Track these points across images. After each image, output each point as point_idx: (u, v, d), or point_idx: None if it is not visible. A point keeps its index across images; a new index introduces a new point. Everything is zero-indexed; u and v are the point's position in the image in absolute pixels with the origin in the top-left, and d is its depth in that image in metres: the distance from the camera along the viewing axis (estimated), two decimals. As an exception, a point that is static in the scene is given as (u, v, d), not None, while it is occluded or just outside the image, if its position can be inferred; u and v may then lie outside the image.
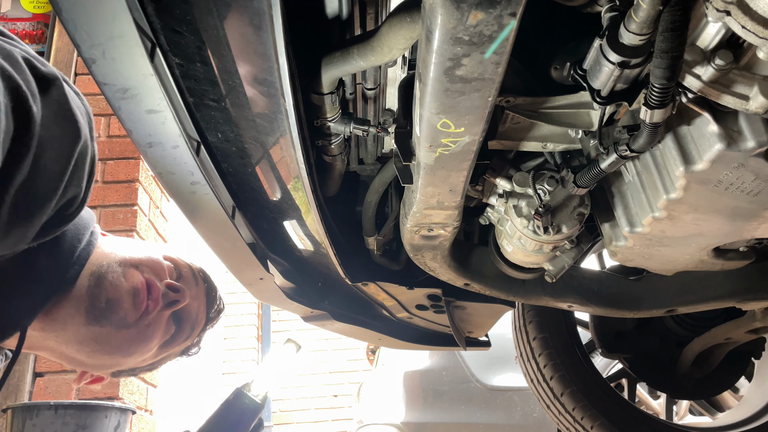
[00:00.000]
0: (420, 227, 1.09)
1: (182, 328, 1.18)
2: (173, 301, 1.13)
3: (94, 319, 1.03)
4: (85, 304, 1.02)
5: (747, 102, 0.72)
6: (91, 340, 1.04)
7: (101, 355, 1.07)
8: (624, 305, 1.40)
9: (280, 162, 0.99)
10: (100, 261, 1.07)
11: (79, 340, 1.04)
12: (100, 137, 3.16)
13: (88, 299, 1.02)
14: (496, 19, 0.57)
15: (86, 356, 1.07)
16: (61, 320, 1.02)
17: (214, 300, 1.27)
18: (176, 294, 1.13)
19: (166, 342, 1.16)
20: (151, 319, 1.10)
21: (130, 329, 1.07)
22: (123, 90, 0.75)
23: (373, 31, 0.82)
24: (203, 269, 1.28)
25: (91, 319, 1.02)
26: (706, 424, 2.66)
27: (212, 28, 0.74)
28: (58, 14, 0.65)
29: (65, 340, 1.04)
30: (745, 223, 0.97)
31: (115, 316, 1.04)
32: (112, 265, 1.07)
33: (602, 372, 2.26)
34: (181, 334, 1.18)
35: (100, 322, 1.03)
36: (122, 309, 1.05)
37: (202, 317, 1.23)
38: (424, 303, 1.56)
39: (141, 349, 1.11)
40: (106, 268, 1.06)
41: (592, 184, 0.96)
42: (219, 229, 1.10)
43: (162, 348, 1.16)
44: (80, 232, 1.05)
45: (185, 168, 0.90)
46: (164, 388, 3.35)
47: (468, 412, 3.13)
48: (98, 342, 1.05)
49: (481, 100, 0.70)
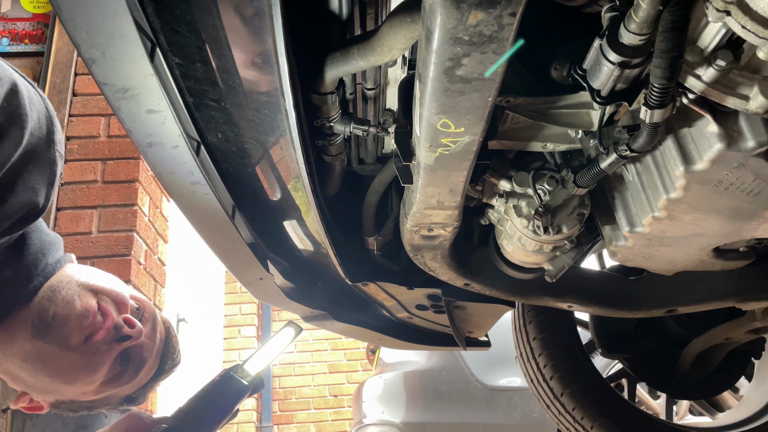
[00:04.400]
0: (420, 227, 1.09)
1: (128, 367, 1.14)
2: (125, 336, 1.09)
3: (38, 333, 1.01)
4: (33, 316, 1.01)
5: (747, 102, 0.72)
6: (34, 357, 1.02)
7: (42, 375, 1.04)
8: (624, 305, 1.40)
9: (280, 162, 0.99)
10: (61, 279, 1.06)
11: (23, 355, 1.02)
12: (100, 137, 3.15)
13: (37, 311, 1.01)
14: (496, 19, 0.57)
15: (28, 374, 1.04)
16: (11, 332, 1.01)
17: (172, 353, 1.24)
18: (130, 329, 1.10)
19: (109, 379, 1.12)
20: (98, 348, 1.06)
21: (74, 353, 1.03)
22: (123, 90, 0.75)
23: (373, 31, 0.82)
24: (169, 321, 1.27)
25: (35, 332, 1.00)
26: (706, 424, 2.66)
27: (212, 28, 0.74)
28: (58, 14, 0.65)
29: (11, 353, 1.02)
30: (745, 223, 0.97)
31: (59, 333, 1.01)
32: (71, 284, 1.06)
33: (602, 372, 2.26)
34: (126, 374, 1.14)
35: (44, 337, 1.01)
36: (67, 327, 1.02)
37: (152, 365, 1.19)
38: (424, 303, 1.56)
39: (83, 378, 1.07)
40: (64, 285, 1.05)
41: (592, 184, 0.96)
42: (219, 229, 1.10)
43: (104, 385, 1.12)
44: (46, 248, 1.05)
45: (185, 168, 0.90)
46: (164, 388, 3.34)
47: (468, 412, 3.13)
48: (41, 360, 1.02)
49: (481, 100, 0.70)
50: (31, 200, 0.87)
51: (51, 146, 0.88)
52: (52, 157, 0.88)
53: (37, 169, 0.85)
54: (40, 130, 0.86)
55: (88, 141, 3.13)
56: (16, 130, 0.80)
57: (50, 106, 0.89)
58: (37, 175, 0.86)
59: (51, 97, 3.15)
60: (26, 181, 0.85)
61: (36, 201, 0.88)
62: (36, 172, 0.85)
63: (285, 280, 1.40)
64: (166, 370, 1.24)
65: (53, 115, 0.90)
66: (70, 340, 1.03)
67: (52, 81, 3.19)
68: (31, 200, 0.87)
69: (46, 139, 0.87)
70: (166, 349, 1.22)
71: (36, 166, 0.85)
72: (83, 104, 3.20)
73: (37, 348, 1.01)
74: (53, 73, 3.21)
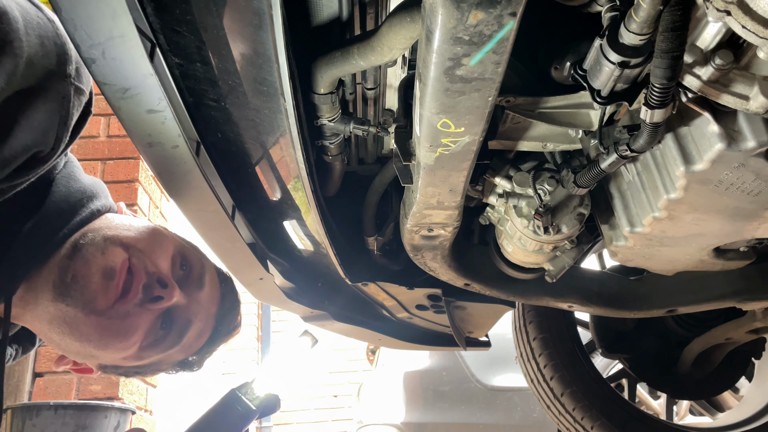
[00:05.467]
0: (420, 227, 1.09)
1: (171, 332, 1.02)
2: (156, 297, 0.96)
3: (59, 295, 0.90)
4: (53, 276, 0.90)
5: (747, 102, 0.72)
6: (60, 320, 0.91)
7: (71, 340, 0.94)
8: (624, 305, 1.40)
9: (280, 162, 0.99)
10: (89, 232, 0.93)
11: (48, 318, 0.92)
12: (99, 137, 3.15)
13: (57, 271, 0.90)
14: (496, 18, 0.57)
15: (58, 338, 0.94)
16: (35, 292, 0.91)
17: (230, 315, 1.11)
18: (163, 290, 0.96)
19: (150, 344, 1.00)
20: (129, 311, 0.94)
21: (101, 317, 0.91)
22: (123, 90, 0.75)
23: (373, 30, 0.82)
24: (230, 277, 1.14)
25: (57, 294, 0.90)
26: (706, 424, 2.66)
27: (212, 27, 0.74)
28: (57, 14, 0.65)
29: (37, 315, 0.93)
30: (746, 223, 0.97)
31: (80, 295, 0.90)
32: (96, 238, 0.93)
33: (602, 372, 2.26)
34: (168, 339, 1.02)
35: (65, 299, 0.90)
36: (89, 289, 0.90)
37: (204, 329, 1.06)
38: (424, 303, 1.56)
39: (115, 344, 0.96)
40: (88, 239, 0.92)
41: (592, 184, 0.96)
42: (219, 229, 1.09)
43: (146, 350, 1.00)
44: (74, 196, 0.93)
45: (185, 168, 0.90)
46: (164, 389, 3.35)
47: (468, 412, 3.13)
48: (67, 324, 0.91)
49: (481, 100, 0.70)
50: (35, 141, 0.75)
51: (63, 79, 0.77)
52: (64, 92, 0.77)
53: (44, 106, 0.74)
54: (46, 59, 0.74)
55: (88, 141, 3.14)
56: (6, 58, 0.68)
57: (63, 33, 0.76)
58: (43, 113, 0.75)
59: (51, 97, 3.15)
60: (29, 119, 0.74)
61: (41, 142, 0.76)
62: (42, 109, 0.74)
63: (285, 280, 1.40)
64: (224, 334, 1.11)
65: (67, 43, 0.77)
66: (96, 304, 0.91)
67: (52, 81, 3.19)
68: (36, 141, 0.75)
69: (56, 70, 0.75)
70: (223, 311, 1.09)
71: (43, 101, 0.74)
72: (83, 104, 3.20)
73: (60, 311, 0.90)
74: (53, 73, 3.20)
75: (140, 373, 1.11)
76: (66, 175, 0.95)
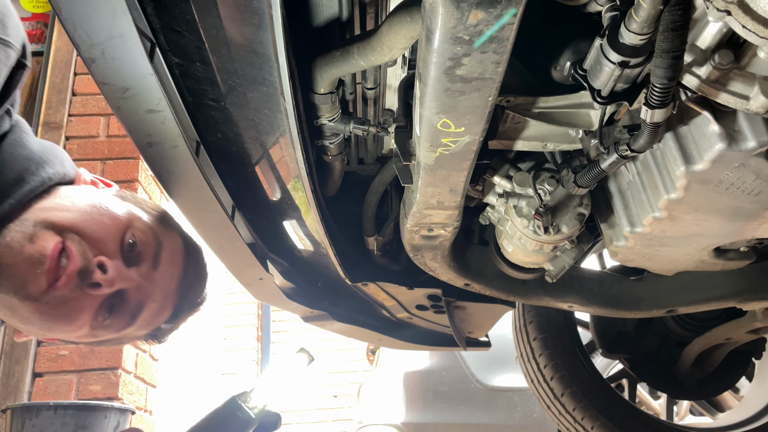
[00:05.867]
0: (420, 227, 1.09)
1: (119, 315, 0.98)
2: (94, 284, 0.91)
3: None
4: None
5: (747, 102, 0.72)
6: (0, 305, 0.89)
7: (16, 322, 0.91)
8: (624, 305, 1.40)
9: (280, 162, 0.99)
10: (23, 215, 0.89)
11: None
12: (99, 137, 3.15)
13: None
14: (496, 18, 0.57)
15: (6, 319, 0.92)
16: None
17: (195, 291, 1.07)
18: (102, 275, 0.92)
19: (99, 325, 0.96)
20: (65, 296, 0.90)
21: (37, 302, 0.88)
22: (123, 90, 0.75)
23: (373, 30, 0.82)
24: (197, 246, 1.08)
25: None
26: (706, 424, 2.66)
27: (212, 27, 0.74)
28: (57, 14, 0.65)
29: None
30: (746, 223, 0.97)
31: (9, 282, 0.87)
32: (26, 223, 0.89)
33: (603, 372, 2.26)
34: (118, 322, 0.98)
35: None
36: (17, 277, 0.87)
37: (162, 307, 1.02)
38: (424, 303, 1.56)
39: (60, 327, 0.93)
40: (18, 224, 0.88)
41: (592, 184, 0.96)
42: (219, 229, 1.09)
43: (98, 329, 0.97)
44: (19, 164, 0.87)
45: (185, 168, 0.90)
46: (164, 389, 3.34)
47: (468, 412, 3.13)
48: (8, 308, 0.89)
49: (481, 100, 0.70)
50: None
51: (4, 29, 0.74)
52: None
53: None
54: None
55: (88, 141, 3.14)
56: None
57: None
58: None
59: (50, 97, 3.16)
60: None
61: None
62: None
63: (285, 280, 1.40)
64: (186, 309, 1.07)
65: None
66: (28, 289, 0.87)
67: (52, 81, 3.19)
68: None
69: None
70: (185, 287, 1.05)
71: None
72: (82, 104, 3.20)
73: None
74: (52, 73, 3.21)
75: (104, 345, 1.07)
76: (12, 141, 0.90)
